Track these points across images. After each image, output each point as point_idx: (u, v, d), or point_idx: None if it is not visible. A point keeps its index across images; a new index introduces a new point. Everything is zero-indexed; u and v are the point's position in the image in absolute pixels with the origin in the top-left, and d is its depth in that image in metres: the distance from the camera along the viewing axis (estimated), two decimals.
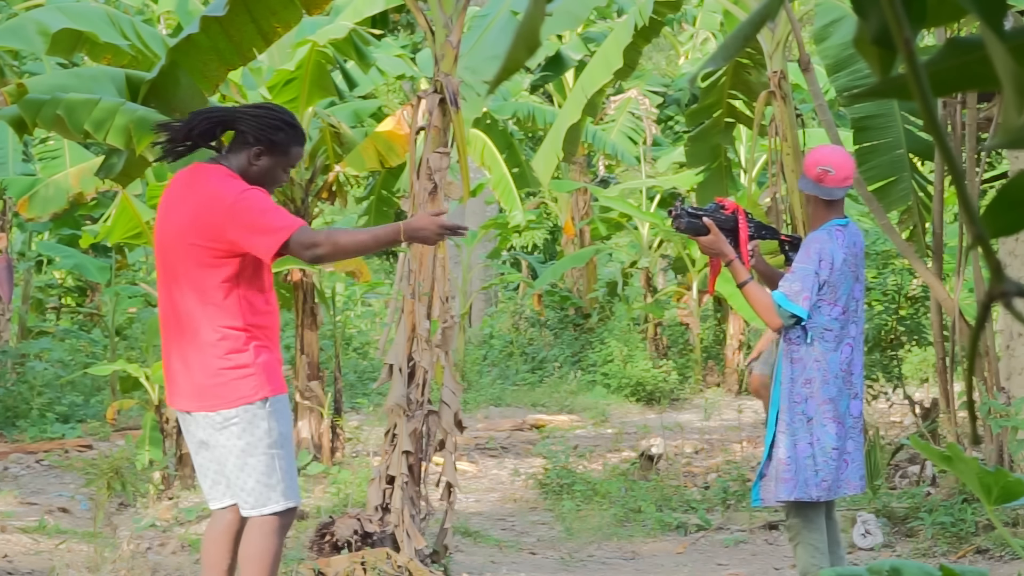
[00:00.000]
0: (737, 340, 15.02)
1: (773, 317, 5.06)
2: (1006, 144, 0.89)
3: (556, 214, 18.75)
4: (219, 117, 4.60)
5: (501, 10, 7.79)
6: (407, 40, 20.13)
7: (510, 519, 8.59)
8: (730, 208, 5.23)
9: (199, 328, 4.39)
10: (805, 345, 5.08)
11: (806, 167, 5.14)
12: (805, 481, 5.09)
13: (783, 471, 5.10)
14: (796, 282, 5.04)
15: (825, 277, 5.05)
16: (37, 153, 12.33)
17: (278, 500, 4.48)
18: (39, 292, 15.74)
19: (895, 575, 1.65)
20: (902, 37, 0.85)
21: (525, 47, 0.98)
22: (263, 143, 4.47)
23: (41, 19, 6.95)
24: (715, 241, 5.12)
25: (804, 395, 5.09)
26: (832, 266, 5.05)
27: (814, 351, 5.08)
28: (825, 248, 5.07)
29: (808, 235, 5.19)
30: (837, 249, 5.08)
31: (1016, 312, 0.84)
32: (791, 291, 5.03)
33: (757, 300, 5.09)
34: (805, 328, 5.08)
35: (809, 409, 5.09)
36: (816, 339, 5.08)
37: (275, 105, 4.79)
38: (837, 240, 5.10)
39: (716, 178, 10.99)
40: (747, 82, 10.03)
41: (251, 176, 4.48)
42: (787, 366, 5.11)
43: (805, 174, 5.15)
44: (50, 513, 8.23)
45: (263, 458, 4.43)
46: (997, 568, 6.82)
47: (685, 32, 19.64)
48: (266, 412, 4.41)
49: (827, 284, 5.06)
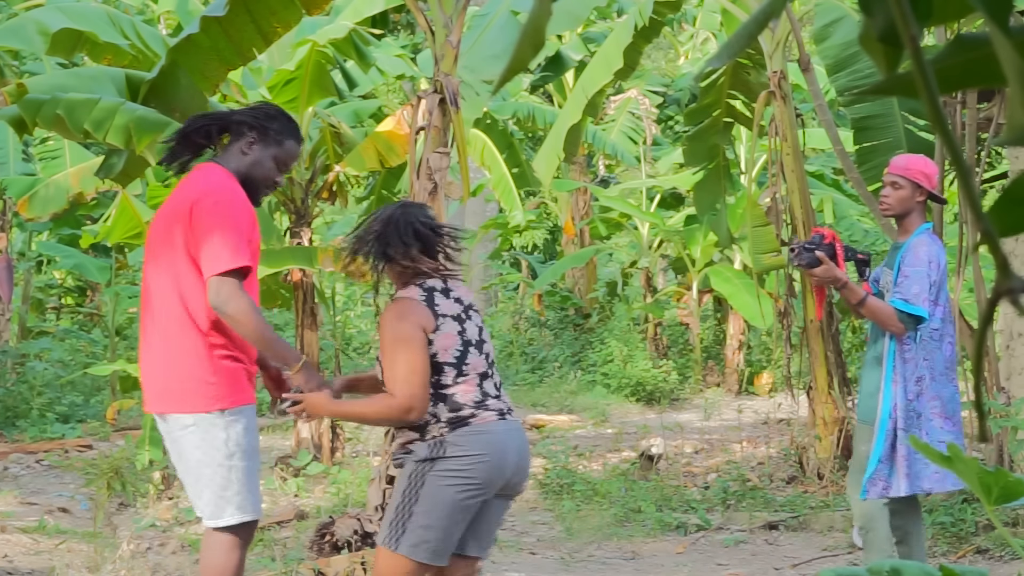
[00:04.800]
0: (737, 340, 15.02)
1: (897, 324, 5.24)
2: (1012, 141, 0.89)
3: (556, 214, 18.75)
4: (214, 115, 4.57)
5: (501, 10, 7.79)
6: (407, 40, 20.14)
7: (510, 519, 8.58)
8: (828, 237, 5.47)
9: (168, 329, 4.26)
10: (915, 344, 5.26)
11: (911, 174, 5.33)
12: (918, 474, 5.25)
13: (905, 467, 5.25)
14: (913, 286, 5.23)
15: (935, 278, 5.25)
16: (37, 153, 12.34)
17: (233, 513, 4.34)
18: (39, 292, 15.74)
19: (895, 575, 1.65)
20: (908, 34, 0.85)
21: (531, 46, 0.97)
22: (256, 130, 4.38)
23: (41, 19, 6.96)
24: (829, 270, 5.35)
25: (916, 392, 5.27)
26: (939, 267, 5.27)
27: (923, 350, 5.27)
28: (932, 250, 5.28)
29: (910, 240, 5.34)
30: (940, 251, 5.32)
31: (1022, 308, 0.84)
32: (909, 295, 5.22)
33: (879, 311, 5.27)
34: (916, 328, 5.26)
35: (919, 406, 5.27)
36: (925, 338, 5.26)
37: (272, 104, 4.76)
38: (938, 242, 5.35)
39: (714, 178, 10.98)
40: (747, 82, 10.03)
41: (244, 168, 4.36)
42: (900, 365, 5.27)
43: (912, 179, 5.32)
44: (50, 513, 8.23)
45: (219, 470, 4.29)
46: (997, 568, 6.82)
47: (685, 32, 19.64)
48: (224, 423, 4.26)
49: (934, 285, 5.26)
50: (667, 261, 17.27)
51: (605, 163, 18.32)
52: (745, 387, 14.89)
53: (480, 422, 4.02)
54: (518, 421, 4.17)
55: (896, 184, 5.35)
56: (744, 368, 15.05)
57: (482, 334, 4.14)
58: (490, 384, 4.11)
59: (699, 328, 15.60)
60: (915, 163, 5.38)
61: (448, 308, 4.06)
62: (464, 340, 4.05)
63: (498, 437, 4.04)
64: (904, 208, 5.38)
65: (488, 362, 4.12)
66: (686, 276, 15.93)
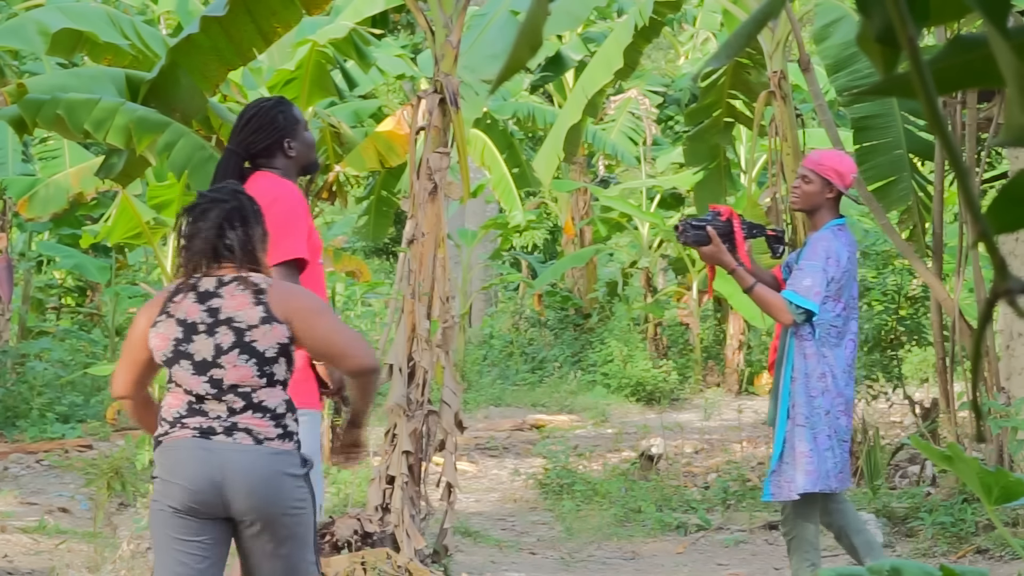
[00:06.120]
0: (737, 340, 15.02)
1: (784, 314, 5.19)
2: (1010, 142, 0.89)
3: (556, 214, 18.75)
4: (233, 151, 4.50)
5: (500, 10, 7.79)
6: (407, 40, 20.13)
7: (510, 519, 8.59)
8: (725, 214, 5.38)
9: None
10: (814, 341, 5.23)
11: (823, 170, 5.26)
12: (826, 473, 5.22)
13: (806, 464, 5.21)
14: (806, 278, 5.18)
15: (832, 274, 5.19)
16: (37, 153, 12.33)
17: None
18: (39, 292, 15.73)
19: (895, 575, 1.65)
20: (906, 35, 0.85)
21: (528, 46, 0.97)
22: (278, 132, 4.43)
23: (41, 19, 6.96)
24: (715, 251, 5.28)
25: (820, 389, 5.23)
26: (839, 263, 5.20)
27: (822, 347, 5.23)
28: (831, 246, 5.22)
29: (812, 235, 5.32)
30: (842, 247, 5.24)
31: (1020, 309, 0.84)
32: (801, 287, 5.17)
33: (767, 300, 5.24)
34: (813, 325, 5.21)
35: (825, 402, 5.24)
36: (823, 335, 5.22)
37: (250, 109, 4.63)
38: (841, 239, 5.26)
39: (715, 178, 10.98)
40: (747, 82, 10.03)
41: (298, 164, 4.47)
42: (800, 362, 5.24)
43: (823, 176, 5.26)
44: (50, 513, 8.23)
45: None
46: (997, 568, 6.82)
47: (685, 32, 19.63)
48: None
49: (833, 281, 5.20)
50: (667, 261, 17.27)
51: (605, 163, 18.31)
52: (745, 387, 14.89)
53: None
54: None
55: (806, 178, 5.30)
56: (744, 368, 15.04)
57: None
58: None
59: (699, 328, 15.60)
60: (829, 159, 5.31)
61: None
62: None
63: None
64: (811, 203, 5.32)
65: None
66: (686, 276, 15.93)
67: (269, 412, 3.64)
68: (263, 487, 3.62)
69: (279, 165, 4.47)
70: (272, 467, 3.63)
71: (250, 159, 4.47)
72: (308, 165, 4.56)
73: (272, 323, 3.62)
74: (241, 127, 4.49)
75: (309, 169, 4.59)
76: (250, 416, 3.63)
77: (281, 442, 3.64)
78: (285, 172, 4.47)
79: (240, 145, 4.45)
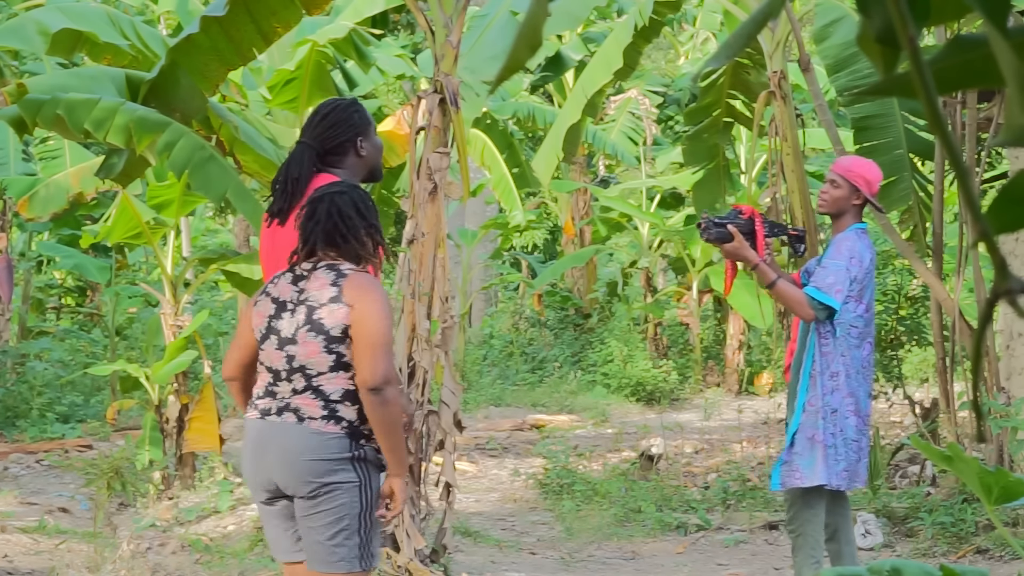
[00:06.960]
0: (737, 340, 15.02)
1: (806, 310, 5.26)
2: (1010, 142, 0.89)
3: (556, 214, 18.75)
4: (308, 145, 4.43)
5: (501, 10, 7.79)
6: (407, 40, 20.13)
7: (510, 519, 8.59)
8: (747, 212, 5.46)
9: None
10: (833, 339, 5.29)
11: (852, 176, 5.33)
12: (832, 470, 5.27)
13: (813, 458, 5.27)
14: (829, 276, 5.25)
15: (855, 274, 5.26)
16: (37, 153, 12.33)
17: None
18: (39, 292, 15.74)
19: (895, 575, 1.65)
20: (906, 35, 0.85)
21: (527, 46, 0.97)
22: (353, 129, 4.42)
23: (41, 19, 6.96)
24: (738, 247, 5.36)
25: (831, 387, 5.29)
26: (861, 264, 5.28)
27: (840, 346, 5.29)
28: (855, 247, 5.29)
29: (836, 235, 5.38)
30: (866, 249, 5.33)
31: (1020, 309, 0.84)
32: (824, 284, 5.24)
33: (789, 295, 5.30)
34: (834, 324, 5.28)
35: (834, 401, 5.29)
36: (843, 335, 5.29)
37: (326, 106, 4.58)
38: (864, 241, 5.36)
39: (714, 177, 10.98)
40: (746, 82, 10.03)
41: (368, 166, 4.45)
42: (818, 358, 5.31)
43: (852, 182, 5.33)
44: (50, 513, 8.23)
45: None
46: (997, 568, 6.82)
47: (685, 32, 19.63)
48: None
49: (855, 281, 5.27)
50: (667, 261, 17.28)
51: (605, 163, 18.32)
52: (745, 387, 14.88)
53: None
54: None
55: (835, 183, 5.37)
56: (744, 368, 15.04)
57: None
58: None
59: (699, 328, 15.60)
60: (859, 166, 5.39)
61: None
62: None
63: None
64: (837, 208, 5.38)
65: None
66: (686, 276, 15.92)
67: (323, 396, 3.77)
68: (296, 463, 3.74)
69: (348, 165, 4.44)
70: (307, 444, 3.74)
71: (322, 155, 4.45)
72: (375, 169, 4.52)
73: (339, 303, 3.76)
74: (317, 122, 4.48)
75: (375, 174, 4.54)
76: (304, 397, 3.78)
77: (324, 423, 3.76)
78: (352, 173, 4.42)
79: (316, 140, 4.43)
